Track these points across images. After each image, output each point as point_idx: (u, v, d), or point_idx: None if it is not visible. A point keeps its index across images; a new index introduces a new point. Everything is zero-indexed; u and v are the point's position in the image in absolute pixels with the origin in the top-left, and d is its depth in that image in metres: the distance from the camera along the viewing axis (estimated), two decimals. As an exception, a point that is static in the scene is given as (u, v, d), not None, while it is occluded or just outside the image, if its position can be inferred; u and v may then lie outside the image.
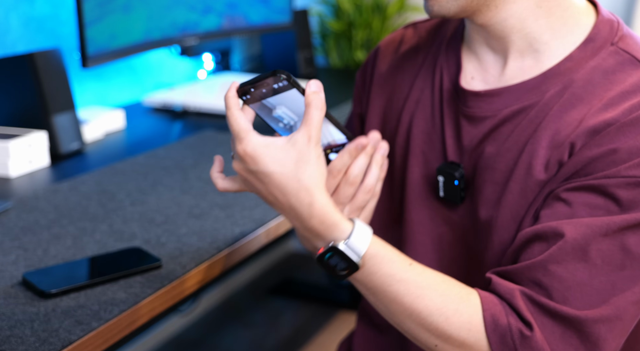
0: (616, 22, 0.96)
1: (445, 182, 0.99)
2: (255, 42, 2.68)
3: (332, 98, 2.19)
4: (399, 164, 1.06)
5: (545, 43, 0.95)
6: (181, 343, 2.56)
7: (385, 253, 0.88)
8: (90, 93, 2.01)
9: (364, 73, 1.15)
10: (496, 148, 0.95)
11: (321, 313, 2.74)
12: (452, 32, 1.06)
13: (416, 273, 0.88)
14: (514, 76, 0.96)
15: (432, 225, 1.02)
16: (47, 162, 1.55)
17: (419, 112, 1.04)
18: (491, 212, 0.95)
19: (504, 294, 0.87)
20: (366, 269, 0.87)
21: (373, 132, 0.94)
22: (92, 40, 1.65)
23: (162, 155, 1.58)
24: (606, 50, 0.93)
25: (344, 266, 0.86)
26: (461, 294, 0.88)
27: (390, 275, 0.87)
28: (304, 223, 0.86)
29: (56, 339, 0.89)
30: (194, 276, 1.08)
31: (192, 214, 1.26)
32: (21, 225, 1.21)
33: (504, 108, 0.95)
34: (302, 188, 0.84)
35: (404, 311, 0.88)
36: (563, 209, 0.87)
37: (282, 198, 0.86)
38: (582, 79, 0.92)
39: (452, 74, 1.02)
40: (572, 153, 0.89)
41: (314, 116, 0.84)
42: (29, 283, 1.00)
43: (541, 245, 0.87)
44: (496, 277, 0.89)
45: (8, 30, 1.76)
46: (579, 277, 0.85)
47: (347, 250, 0.86)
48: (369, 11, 2.70)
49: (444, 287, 0.88)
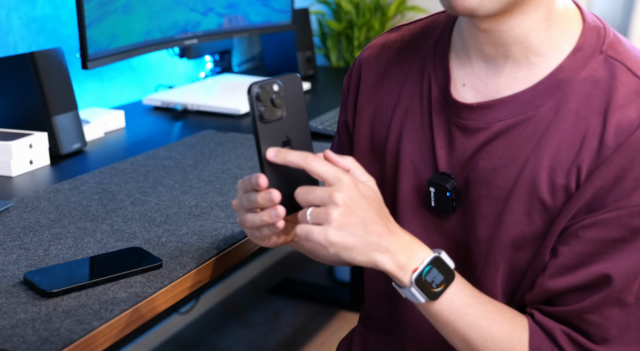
0: (602, 28, 0.94)
1: (437, 192, 0.98)
2: (255, 42, 2.68)
3: (332, 99, 2.19)
4: (390, 173, 1.05)
5: (542, 55, 0.93)
6: (181, 342, 2.56)
7: (463, 278, 0.93)
8: (90, 94, 2.02)
9: (349, 81, 1.12)
10: (491, 164, 0.94)
11: (321, 313, 2.74)
12: (438, 37, 1.03)
13: (488, 300, 0.93)
14: (507, 87, 0.94)
15: (424, 233, 1.01)
16: (48, 162, 1.55)
17: (408, 121, 1.02)
18: (491, 228, 0.95)
19: (546, 330, 0.92)
20: (456, 283, 0.90)
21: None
22: (92, 41, 1.66)
23: (162, 155, 1.58)
24: (596, 60, 0.91)
25: (441, 280, 0.88)
26: (523, 322, 0.92)
27: (472, 296, 0.91)
28: (398, 239, 0.88)
29: (57, 338, 0.89)
30: (194, 276, 1.08)
31: (192, 214, 1.27)
32: (22, 225, 1.21)
33: (497, 121, 0.94)
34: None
35: (480, 336, 0.91)
36: (581, 248, 0.89)
37: (382, 215, 0.88)
38: (576, 93, 0.91)
39: (441, 83, 0.99)
40: (579, 180, 0.89)
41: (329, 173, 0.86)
42: (30, 283, 1.00)
43: (576, 294, 0.91)
44: (538, 314, 0.93)
45: (9, 31, 1.77)
46: (615, 319, 0.89)
47: (447, 258, 0.90)
48: (369, 11, 2.70)
49: (510, 316, 0.92)
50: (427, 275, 0.87)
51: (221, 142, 1.68)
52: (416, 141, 1.01)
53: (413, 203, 1.02)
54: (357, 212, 0.85)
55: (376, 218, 0.86)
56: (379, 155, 1.06)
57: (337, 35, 2.75)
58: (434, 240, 1.01)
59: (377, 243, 0.86)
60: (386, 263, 0.86)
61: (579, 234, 0.89)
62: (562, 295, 0.91)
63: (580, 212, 0.89)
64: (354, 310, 2.72)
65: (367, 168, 1.07)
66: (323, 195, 0.85)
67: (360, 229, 0.85)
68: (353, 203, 0.85)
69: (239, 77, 2.34)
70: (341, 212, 0.84)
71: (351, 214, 0.84)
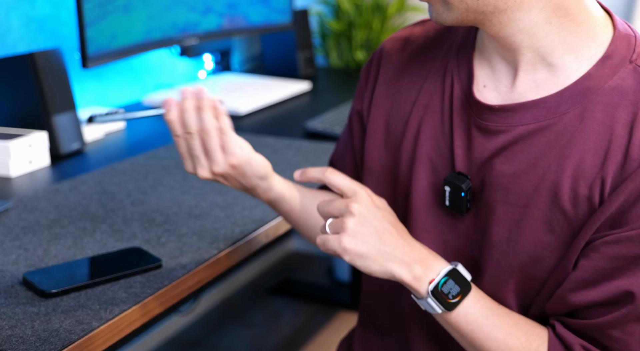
0: (633, 37, 0.92)
1: (452, 192, 0.98)
2: (255, 42, 2.68)
3: (332, 99, 2.19)
4: (405, 170, 1.04)
5: (559, 57, 0.91)
6: (181, 343, 2.56)
7: (480, 290, 0.94)
8: (90, 93, 2.02)
9: (368, 71, 1.12)
10: (510, 169, 0.93)
11: (321, 313, 2.74)
12: (464, 35, 1.02)
13: (505, 311, 0.93)
14: (528, 90, 0.93)
15: (436, 231, 1.01)
16: (47, 162, 1.55)
17: (428, 118, 1.01)
18: (508, 234, 0.94)
19: (565, 344, 0.92)
20: (472, 295, 0.91)
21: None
22: (92, 41, 1.66)
23: (162, 155, 1.58)
24: (625, 69, 0.90)
25: (457, 291, 0.90)
26: (541, 334, 0.92)
27: (489, 308, 0.92)
28: (414, 251, 0.91)
29: (57, 339, 0.89)
30: (194, 276, 1.08)
31: (192, 214, 1.26)
32: (22, 225, 1.21)
33: (518, 125, 0.93)
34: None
35: (497, 347, 0.91)
36: (603, 263, 0.88)
37: (397, 228, 0.93)
38: (602, 102, 0.89)
39: (464, 82, 0.99)
40: (602, 192, 0.88)
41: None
42: (30, 283, 1.00)
43: (598, 309, 0.90)
44: (559, 326, 0.92)
45: (9, 31, 1.77)
46: (637, 336, 0.89)
47: (464, 270, 0.91)
48: (369, 11, 2.70)
49: (527, 328, 0.93)
50: (443, 286, 0.90)
51: (221, 141, 1.67)
52: (434, 138, 1.01)
53: (427, 201, 1.02)
54: (372, 222, 0.91)
55: (391, 230, 0.92)
56: (394, 149, 1.05)
57: (337, 35, 2.75)
58: (445, 239, 1.01)
59: (391, 253, 0.90)
60: (402, 274, 0.90)
61: (601, 250, 0.88)
62: (584, 309, 0.91)
63: (604, 226, 0.88)
64: (354, 310, 2.72)
65: (379, 162, 1.07)
66: (341, 206, 0.92)
67: (374, 238, 0.90)
68: (368, 214, 0.91)
69: (239, 77, 2.34)
70: (356, 221, 0.90)
71: (366, 224, 0.90)
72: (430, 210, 1.01)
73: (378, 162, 1.07)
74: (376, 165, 1.07)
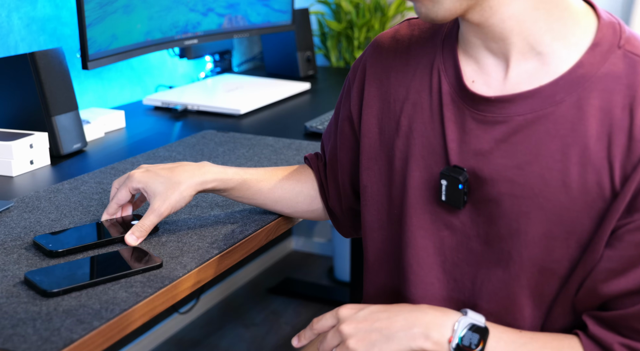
0: (617, 24, 0.94)
1: (449, 186, 0.98)
2: (255, 42, 2.69)
3: (332, 99, 2.19)
4: (399, 168, 1.04)
5: (548, 45, 0.93)
6: (181, 342, 2.56)
7: (497, 325, 0.96)
8: (90, 94, 2.02)
9: (355, 72, 1.13)
10: (513, 161, 0.94)
11: (321, 313, 2.74)
12: (447, 33, 1.03)
13: (529, 337, 0.94)
14: (521, 81, 0.94)
15: (433, 228, 1.01)
16: (48, 162, 1.55)
17: (417, 116, 1.02)
18: (515, 226, 0.95)
19: (603, 345, 0.92)
20: (492, 336, 0.93)
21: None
22: (93, 41, 1.66)
23: (162, 155, 1.59)
24: (615, 55, 0.92)
25: (477, 339, 0.92)
26: (572, 345, 0.93)
27: (513, 341, 0.94)
28: (419, 316, 0.94)
29: (58, 338, 0.89)
30: (194, 276, 1.08)
31: (193, 214, 1.27)
32: (23, 225, 1.22)
33: (515, 116, 0.93)
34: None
35: None
36: (629, 251, 0.90)
37: (391, 307, 0.97)
38: (597, 88, 0.91)
39: (451, 77, 0.99)
40: (612, 175, 0.89)
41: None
42: (31, 283, 1.00)
43: (632, 297, 0.90)
44: (593, 324, 0.93)
45: (10, 31, 1.77)
46: None
47: (473, 317, 0.93)
48: (369, 11, 2.71)
49: (556, 344, 0.93)
50: (463, 340, 0.91)
51: (221, 142, 1.68)
52: (425, 136, 1.01)
53: (422, 198, 1.02)
54: (366, 325, 0.95)
55: (388, 314, 0.95)
56: (388, 149, 1.06)
57: (337, 35, 2.76)
58: (442, 236, 1.01)
59: (404, 333, 0.93)
60: (423, 345, 0.92)
61: (625, 238, 0.89)
62: (617, 299, 0.91)
63: (623, 213, 0.90)
64: (353, 309, 2.72)
65: (375, 161, 1.07)
66: (333, 337, 0.98)
67: (378, 335, 0.94)
68: (359, 322, 0.96)
69: (239, 77, 2.35)
70: (355, 339, 0.95)
71: (363, 331, 0.95)
72: (426, 207, 1.02)
73: (374, 162, 1.08)
74: (372, 165, 1.08)
